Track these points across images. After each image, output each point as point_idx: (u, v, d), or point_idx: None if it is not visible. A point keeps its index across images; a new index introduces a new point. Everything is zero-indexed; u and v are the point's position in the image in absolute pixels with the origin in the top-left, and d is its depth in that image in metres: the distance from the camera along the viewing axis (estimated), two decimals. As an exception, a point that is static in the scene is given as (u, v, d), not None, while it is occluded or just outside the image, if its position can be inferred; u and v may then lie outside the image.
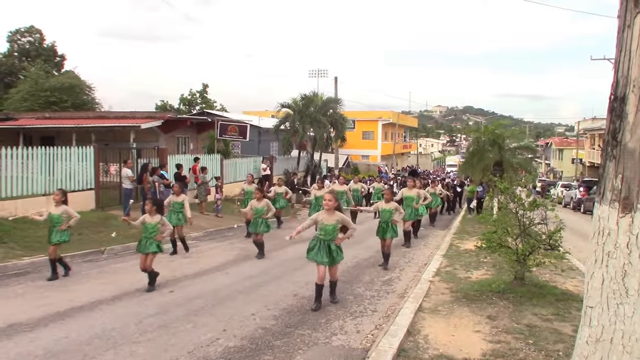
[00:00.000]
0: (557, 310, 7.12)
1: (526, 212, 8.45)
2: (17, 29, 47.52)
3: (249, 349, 5.78)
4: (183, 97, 60.52)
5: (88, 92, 43.06)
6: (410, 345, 5.78)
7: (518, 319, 6.73)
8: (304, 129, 31.22)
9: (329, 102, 33.59)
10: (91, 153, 16.58)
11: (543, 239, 8.25)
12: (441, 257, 11.83)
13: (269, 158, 29.59)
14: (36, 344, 5.84)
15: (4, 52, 46.68)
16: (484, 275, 9.64)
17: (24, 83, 39.67)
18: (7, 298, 7.92)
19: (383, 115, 63.32)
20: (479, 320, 6.72)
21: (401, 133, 71.78)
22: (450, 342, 5.90)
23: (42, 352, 5.60)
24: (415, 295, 8.03)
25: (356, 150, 55.84)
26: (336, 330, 6.57)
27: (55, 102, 37.51)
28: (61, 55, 48.94)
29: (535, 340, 5.91)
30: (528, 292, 7.88)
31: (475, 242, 9.77)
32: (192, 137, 27.97)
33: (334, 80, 38.81)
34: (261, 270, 10.30)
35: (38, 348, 5.71)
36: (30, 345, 5.83)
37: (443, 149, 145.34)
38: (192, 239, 14.12)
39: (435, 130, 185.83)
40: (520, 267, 8.25)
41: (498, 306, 7.40)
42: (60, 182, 15.38)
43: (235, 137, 27.66)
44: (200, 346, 5.82)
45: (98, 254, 11.57)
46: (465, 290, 8.33)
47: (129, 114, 25.86)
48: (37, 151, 15.03)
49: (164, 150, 20.12)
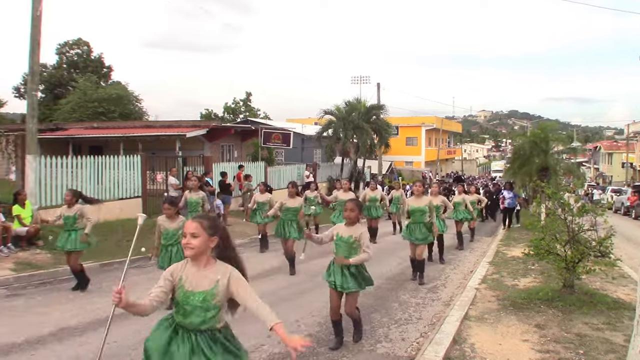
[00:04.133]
0: (609, 319, 6.93)
1: (575, 218, 8.27)
2: (66, 41, 48.89)
3: (294, 355, 5.79)
4: (227, 106, 61.32)
5: (135, 102, 44.06)
6: (457, 353, 5.72)
7: (568, 328, 6.58)
8: (347, 135, 31.20)
9: (372, 108, 33.49)
10: (138, 162, 16.91)
11: (593, 245, 8.05)
12: (487, 264, 11.66)
13: (312, 165, 29.67)
14: (85, 348, 5.98)
15: (54, 64, 48.04)
16: (532, 282, 9.46)
17: (73, 94, 40.79)
18: (58, 303, 8.13)
19: (426, 120, 62.83)
20: (526, 329, 6.60)
21: (445, 138, 71.08)
22: (498, 351, 5.81)
23: (91, 355, 5.71)
24: (461, 302, 7.93)
25: (400, 157, 55.49)
26: (381, 337, 6.54)
27: (103, 112, 38.48)
28: (108, 67, 50.18)
29: (586, 350, 5.77)
30: (578, 301, 7.70)
31: (523, 249, 9.63)
32: (236, 145, 28.29)
33: (377, 87, 38.71)
34: (305, 277, 10.31)
35: (88, 352, 5.84)
36: (80, 349, 5.97)
37: (488, 154, 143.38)
38: (237, 245, 14.21)
39: (479, 135, 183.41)
40: (569, 274, 8.07)
41: (547, 315, 7.25)
42: (108, 190, 15.75)
43: (278, 144, 27.85)
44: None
45: (146, 260, 11.76)
46: (512, 298, 8.19)
47: (175, 123, 26.36)
48: (86, 160, 15.40)
49: (208, 158, 20.39)
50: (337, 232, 6.12)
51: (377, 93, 38.37)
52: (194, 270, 3.36)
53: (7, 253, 10.90)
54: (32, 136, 13.08)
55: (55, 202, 14.06)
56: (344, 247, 6.01)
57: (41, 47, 13.23)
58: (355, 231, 6.00)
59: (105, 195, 15.58)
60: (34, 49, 13.00)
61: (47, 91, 46.10)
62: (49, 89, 46.31)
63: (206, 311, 3.33)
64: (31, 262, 10.62)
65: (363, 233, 6.02)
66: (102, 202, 12.72)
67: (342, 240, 6.02)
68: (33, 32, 12.86)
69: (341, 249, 6.02)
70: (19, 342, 6.08)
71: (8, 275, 9.65)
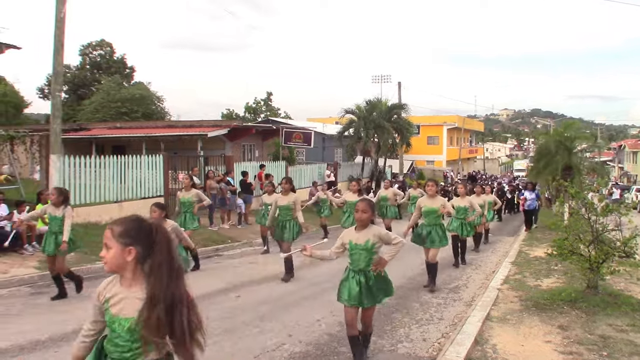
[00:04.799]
0: (633, 321, 6.83)
1: (599, 218, 8.16)
2: (89, 42, 49.52)
3: (314, 354, 5.81)
4: (248, 106, 61.58)
5: (157, 103, 44.44)
6: (478, 354, 5.67)
7: (591, 330, 6.50)
8: (368, 135, 31.16)
9: (394, 107, 33.40)
10: (160, 161, 17.04)
11: (617, 245, 7.94)
12: (510, 264, 11.56)
13: (333, 164, 29.67)
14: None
15: (77, 65, 48.65)
16: (555, 283, 9.36)
17: (96, 95, 41.30)
18: (81, 301, 8.21)
19: (448, 119, 62.60)
20: (549, 330, 6.53)
21: (467, 137, 70.69)
22: (520, 352, 5.75)
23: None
24: (483, 303, 7.87)
25: (421, 156, 55.33)
26: (402, 337, 6.51)
27: (126, 112, 38.89)
28: (131, 67, 50.72)
29: (610, 352, 5.69)
30: (601, 302, 7.60)
31: (546, 249, 9.52)
32: (257, 144, 28.40)
33: (398, 86, 38.62)
34: (326, 277, 10.31)
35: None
36: (104, 347, 6.02)
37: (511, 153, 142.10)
38: (258, 244, 14.30)
39: (502, 134, 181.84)
40: (593, 275, 7.96)
41: (570, 316, 7.17)
42: (131, 189, 15.90)
43: (299, 144, 27.91)
44: (267, 351, 5.88)
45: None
46: (535, 298, 8.11)
47: (196, 122, 26.58)
48: (109, 160, 15.57)
49: (230, 158, 20.50)
50: (349, 240, 5.24)
51: (398, 92, 38.28)
52: (122, 289, 2.67)
53: (31, 252, 11.05)
54: (56, 136, 13.24)
55: (79, 202, 14.24)
56: (363, 254, 5.19)
57: (65, 48, 13.40)
58: (369, 233, 5.21)
59: (128, 194, 15.74)
60: (58, 50, 13.16)
61: (71, 92, 46.70)
62: (73, 90, 46.91)
63: (133, 343, 2.62)
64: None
65: (380, 231, 5.28)
66: None
67: (358, 248, 5.20)
68: (57, 33, 13.01)
69: (359, 257, 5.20)
70: (43, 339, 6.15)
71: (33, 274, 9.79)
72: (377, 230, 5.35)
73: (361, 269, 5.28)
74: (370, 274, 5.28)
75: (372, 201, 5.60)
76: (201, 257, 11.54)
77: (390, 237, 5.38)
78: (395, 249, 5.41)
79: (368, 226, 5.33)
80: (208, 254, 12.88)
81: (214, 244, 13.96)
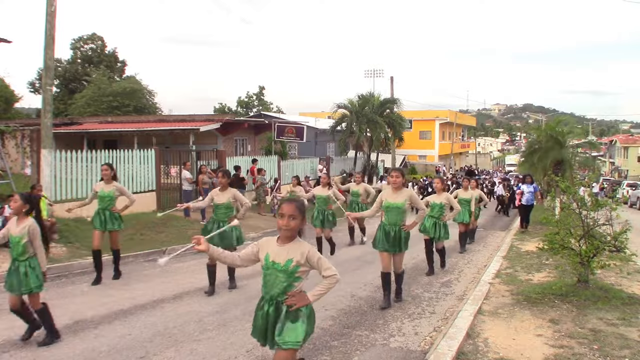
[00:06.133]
0: (623, 315, 6.89)
1: (590, 213, 8.20)
2: (80, 36, 49.47)
3: (307, 348, 5.81)
4: (240, 100, 61.60)
5: (149, 97, 44.33)
6: (470, 348, 5.70)
7: (582, 323, 6.54)
8: (361, 129, 31.18)
9: (386, 102, 33.42)
10: (152, 156, 17.01)
11: (608, 240, 7.98)
12: (501, 258, 11.61)
13: (326, 159, 29.69)
14: (100, 341, 6.03)
15: (68, 59, 48.46)
16: (546, 277, 9.41)
17: (88, 89, 41.19)
18: (73, 296, 8.20)
19: (440, 114, 62.61)
20: (540, 324, 6.57)
21: (459, 132, 70.78)
22: (511, 345, 5.79)
23: (106, 348, 5.77)
24: (474, 297, 7.91)
25: (413, 151, 55.38)
26: (394, 331, 6.53)
27: (117, 106, 38.82)
28: (122, 61, 50.66)
29: (600, 345, 5.73)
30: (592, 296, 7.65)
31: (537, 244, 9.57)
32: (249, 139, 28.37)
33: (390, 80, 38.55)
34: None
35: (102, 344, 5.89)
36: (95, 341, 6.02)
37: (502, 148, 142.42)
38: (250, 239, 14.28)
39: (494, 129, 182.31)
40: (583, 269, 8.01)
41: (561, 309, 7.21)
42: (122, 184, 15.72)
43: (292, 138, 27.90)
44: (259, 345, 5.87)
45: (160, 253, 11.84)
46: (526, 292, 8.15)
47: (189, 117, 26.55)
48: (101, 154, 15.54)
49: (222, 152, 20.50)
50: (266, 254, 4.02)
51: (390, 87, 38.24)
52: None
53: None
54: (47, 130, 13.18)
55: (71, 196, 14.20)
56: (280, 278, 4.00)
57: (56, 42, 13.33)
58: (295, 251, 3.99)
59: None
60: (49, 44, 13.08)
61: (62, 86, 46.54)
62: (64, 84, 46.75)
63: None
64: (47, 255, 10.69)
65: (311, 252, 4.04)
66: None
67: (274, 268, 3.99)
68: (48, 27, 12.94)
69: (273, 281, 4.01)
70: (35, 334, 6.13)
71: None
72: (306, 249, 4.00)
73: (273, 296, 3.99)
74: (283, 307, 3.96)
75: (303, 203, 4.06)
76: (192, 252, 11.47)
77: (322, 265, 4.08)
78: (326, 285, 4.12)
79: (294, 239, 4.02)
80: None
81: (206, 238, 13.91)
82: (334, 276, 4.09)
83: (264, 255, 4.01)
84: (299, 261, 3.94)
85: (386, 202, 7.55)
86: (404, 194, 7.50)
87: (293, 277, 3.98)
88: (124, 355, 5.60)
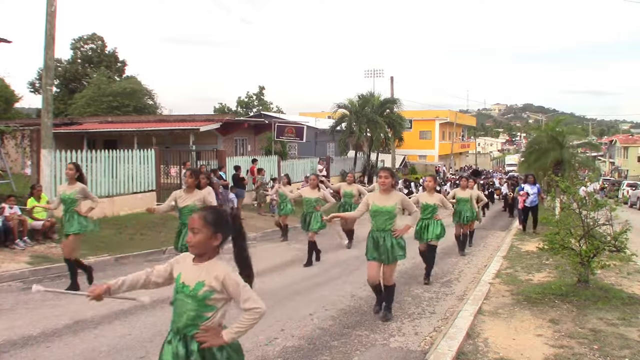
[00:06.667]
0: (624, 315, 6.89)
1: (590, 213, 8.20)
2: (80, 36, 49.48)
3: (307, 348, 5.82)
4: (240, 100, 61.61)
5: (149, 97, 44.37)
6: (470, 348, 5.70)
7: (582, 323, 6.54)
8: (361, 129, 31.21)
9: (386, 102, 33.47)
10: (152, 155, 17.01)
11: (608, 240, 7.99)
12: (501, 258, 11.61)
13: (326, 159, 29.68)
14: (100, 341, 6.03)
15: (68, 59, 48.47)
16: (546, 277, 9.41)
17: (88, 89, 41.22)
18: (73, 296, 8.19)
19: (440, 114, 62.57)
20: (540, 324, 6.57)
21: (459, 132, 70.76)
22: (511, 345, 5.79)
23: (106, 348, 5.77)
24: (474, 297, 7.91)
25: (413, 150, 55.33)
26: (394, 331, 6.53)
27: (117, 106, 38.86)
28: (122, 61, 50.68)
29: (600, 345, 5.73)
30: (592, 296, 7.65)
31: (537, 244, 9.57)
32: (249, 139, 28.38)
33: (390, 80, 38.54)
34: (318, 271, 10.33)
35: (102, 344, 5.89)
36: (95, 341, 6.02)
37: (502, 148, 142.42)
38: (250, 239, 14.28)
39: (494, 129, 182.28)
40: (584, 269, 8.01)
41: (561, 310, 7.21)
42: (122, 184, 15.86)
43: (292, 138, 27.88)
44: (259, 345, 5.88)
45: (159, 253, 11.84)
46: (526, 292, 8.15)
47: (189, 117, 26.57)
48: (101, 154, 15.52)
49: (222, 152, 20.49)
50: (178, 274, 3.22)
51: (390, 87, 38.26)
52: None
53: (23, 247, 11.01)
54: (47, 130, 13.19)
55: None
56: (189, 306, 3.11)
57: (56, 42, 13.36)
58: (209, 272, 3.15)
59: (119, 189, 15.71)
60: (49, 44, 13.09)
61: (62, 86, 46.54)
62: (64, 84, 46.76)
63: None
64: (47, 255, 10.71)
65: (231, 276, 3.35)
66: None
67: (184, 293, 3.18)
68: (48, 27, 12.95)
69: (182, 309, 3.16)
70: (35, 334, 6.13)
71: (24, 269, 9.74)
72: (223, 273, 3.13)
73: (180, 328, 3.18)
74: (193, 344, 3.12)
75: (216, 213, 3.26)
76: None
77: (242, 295, 3.12)
78: (245, 322, 3.18)
79: (211, 258, 3.20)
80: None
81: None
82: (255, 310, 3.12)
83: (177, 274, 3.26)
84: (212, 286, 3.10)
85: (374, 206, 6.71)
86: (394, 197, 6.71)
87: (203, 306, 3.13)
88: (124, 355, 5.60)
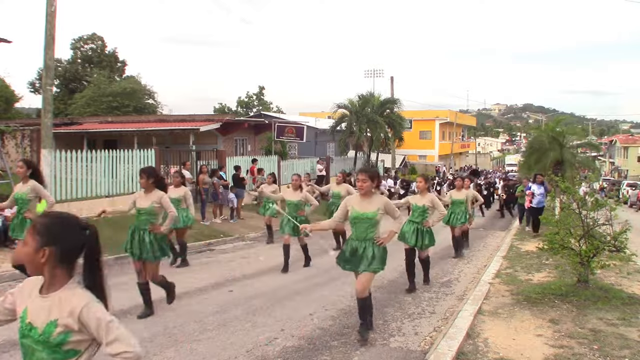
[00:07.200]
0: (623, 315, 6.89)
1: (589, 213, 8.20)
2: (80, 36, 49.38)
3: (307, 348, 5.82)
4: (240, 100, 61.63)
5: (149, 97, 44.36)
6: (470, 348, 5.70)
7: (582, 323, 6.55)
8: (361, 129, 31.21)
9: (386, 102, 33.48)
10: (152, 155, 17.01)
11: (608, 240, 7.99)
12: (501, 258, 11.61)
13: (326, 159, 29.66)
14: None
15: (68, 59, 48.44)
16: (546, 277, 9.41)
17: (88, 89, 41.21)
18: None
19: (440, 114, 62.55)
20: (540, 324, 6.57)
21: (459, 132, 70.73)
22: (511, 345, 5.79)
23: (107, 349, 5.76)
24: (474, 297, 7.91)
25: (413, 150, 55.30)
26: (394, 331, 6.53)
27: (117, 106, 38.85)
28: (122, 61, 50.63)
29: (600, 345, 5.73)
30: (592, 296, 7.65)
31: (537, 244, 9.57)
32: (249, 139, 28.34)
33: (390, 80, 38.57)
34: (318, 271, 10.33)
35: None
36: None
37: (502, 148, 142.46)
38: (250, 239, 14.31)
39: (494, 129, 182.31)
40: (583, 269, 8.01)
41: (561, 310, 7.21)
42: (122, 184, 15.88)
43: (292, 138, 27.84)
44: (259, 345, 5.89)
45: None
46: (526, 292, 8.15)
47: (189, 117, 26.53)
48: (101, 154, 15.55)
49: (222, 152, 20.49)
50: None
51: (390, 87, 38.27)
52: None
53: (22, 247, 10.97)
54: (47, 130, 13.18)
55: (70, 196, 14.21)
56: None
57: (56, 42, 13.34)
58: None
59: (119, 189, 15.73)
60: (49, 44, 13.08)
61: (62, 86, 46.49)
62: (64, 84, 46.71)
63: None
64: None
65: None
66: None
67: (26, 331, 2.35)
68: (48, 27, 12.94)
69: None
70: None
71: (24, 269, 9.72)
72: (80, 305, 2.29)
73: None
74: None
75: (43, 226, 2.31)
76: (193, 252, 11.53)
77: (108, 334, 2.27)
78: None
79: (64, 285, 2.34)
80: (200, 249, 12.85)
81: (205, 238, 13.92)
82: (125, 356, 2.26)
83: (22, 309, 2.34)
84: (67, 325, 2.25)
85: (354, 212, 6.04)
86: (376, 202, 6.05)
87: (60, 353, 2.26)
88: (124, 355, 5.59)
